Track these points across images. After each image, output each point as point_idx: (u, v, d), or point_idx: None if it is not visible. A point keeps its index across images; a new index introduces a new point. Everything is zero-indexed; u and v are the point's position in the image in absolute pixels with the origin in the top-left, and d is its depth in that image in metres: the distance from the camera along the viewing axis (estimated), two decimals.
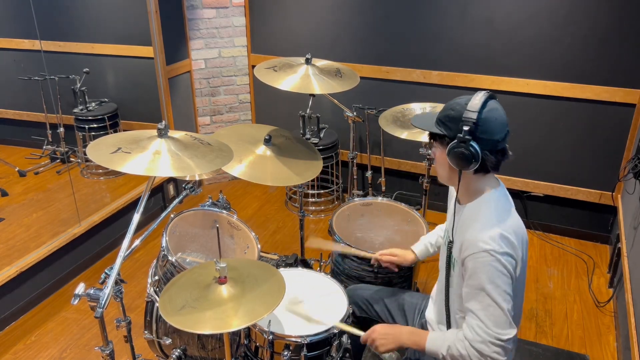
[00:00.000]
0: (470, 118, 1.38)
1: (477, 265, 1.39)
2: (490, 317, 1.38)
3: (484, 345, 1.38)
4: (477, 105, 1.39)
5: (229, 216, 2.22)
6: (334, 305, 1.82)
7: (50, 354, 2.51)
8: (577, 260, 3.23)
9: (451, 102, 1.46)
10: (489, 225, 1.41)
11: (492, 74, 3.22)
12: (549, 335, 2.64)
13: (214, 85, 3.91)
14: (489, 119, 1.40)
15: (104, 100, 3.31)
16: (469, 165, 1.41)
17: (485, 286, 1.37)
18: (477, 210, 1.48)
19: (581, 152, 3.22)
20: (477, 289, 1.39)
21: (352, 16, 3.45)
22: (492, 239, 1.38)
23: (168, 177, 3.60)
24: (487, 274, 1.37)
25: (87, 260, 3.12)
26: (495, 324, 1.37)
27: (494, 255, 1.36)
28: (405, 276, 2.23)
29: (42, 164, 3.07)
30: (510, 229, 1.41)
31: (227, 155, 1.69)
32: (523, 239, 1.46)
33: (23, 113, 3.02)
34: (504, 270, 1.37)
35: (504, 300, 1.37)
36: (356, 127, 3.45)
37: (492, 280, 1.37)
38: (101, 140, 1.63)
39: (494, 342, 1.38)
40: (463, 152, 1.39)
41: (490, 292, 1.37)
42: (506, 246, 1.38)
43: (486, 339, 1.38)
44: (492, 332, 1.38)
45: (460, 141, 1.39)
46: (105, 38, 3.24)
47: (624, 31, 2.88)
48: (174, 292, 1.53)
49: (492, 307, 1.37)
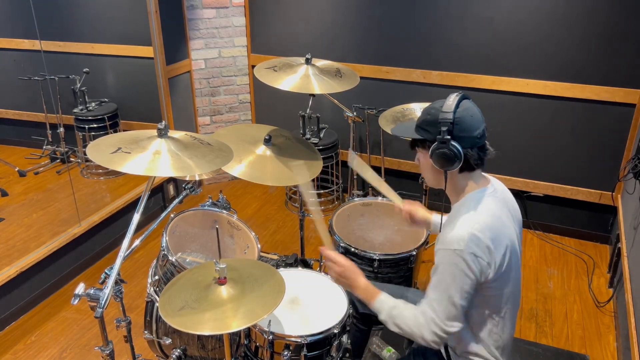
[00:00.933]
0: (447, 119, 1.42)
1: (442, 261, 1.45)
2: (444, 310, 1.46)
3: (429, 333, 1.48)
4: (452, 106, 1.43)
5: (229, 216, 2.22)
6: (334, 305, 1.82)
7: (50, 354, 2.51)
8: (577, 260, 3.23)
9: (427, 108, 1.51)
10: (463, 224, 1.44)
11: (492, 74, 3.22)
12: (549, 335, 2.64)
13: (214, 85, 3.91)
14: (464, 117, 1.44)
15: (104, 100, 3.31)
16: (452, 165, 1.45)
17: (446, 281, 1.44)
18: (459, 209, 1.51)
19: (581, 152, 3.22)
20: (438, 281, 1.47)
21: (352, 16, 3.45)
22: (461, 239, 1.41)
23: (168, 177, 3.60)
24: (449, 270, 1.44)
25: (87, 260, 3.12)
26: (446, 317, 1.46)
27: (458, 254, 1.41)
28: (405, 276, 2.23)
29: (42, 164, 3.07)
30: (485, 229, 1.43)
31: (227, 155, 1.69)
32: (502, 241, 1.47)
33: (23, 113, 3.02)
34: (467, 271, 1.41)
35: (461, 297, 1.44)
36: (356, 127, 3.45)
37: (453, 277, 1.43)
38: (101, 140, 1.63)
39: (439, 332, 1.47)
40: (445, 152, 1.44)
41: (449, 288, 1.44)
42: (475, 246, 1.41)
43: (433, 329, 1.47)
44: (441, 323, 1.46)
45: (441, 142, 1.43)
46: (105, 38, 3.24)
47: (624, 31, 2.88)
48: (174, 293, 1.53)
49: (447, 302, 1.45)
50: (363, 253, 2.17)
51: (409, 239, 2.33)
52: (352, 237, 2.34)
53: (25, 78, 2.87)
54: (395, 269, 2.19)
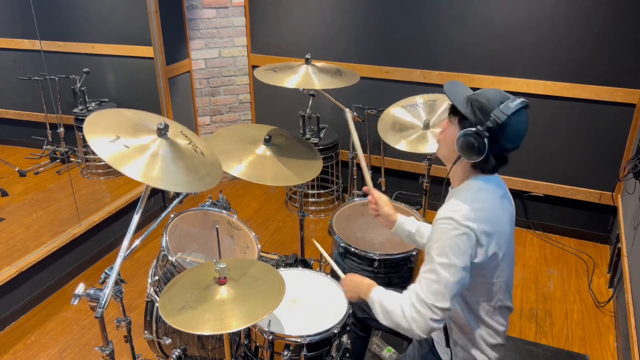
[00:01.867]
0: (498, 117, 1.38)
1: (436, 231, 1.42)
2: (427, 281, 1.40)
3: (410, 306, 1.41)
4: (511, 110, 1.38)
5: (229, 216, 2.22)
6: (334, 305, 1.82)
7: (50, 354, 2.51)
8: (577, 260, 3.23)
9: (490, 90, 1.45)
10: (460, 201, 1.43)
11: (492, 74, 3.22)
12: (549, 335, 2.64)
13: (214, 85, 3.91)
14: (511, 127, 1.40)
15: (104, 100, 3.31)
16: (470, 157, 1.43)
17: (434, 252, 1.40)
18: (458, 191, 1.51)
19: (581, 152, 3.22)
20: (428, 253, 1.43)
21: (352, 16, 3.45)
22: (457, 211, 1.40)
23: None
24: (440, 240, 1.40)
25: (87, 260, 3.12)
26: (429, 290, 1.39)
27: (451, 223, 1.39)
28: (405, 276, 2.23)
29: (42, 164, 3.07)
30: (482, 209, 1.42)
31: (216, 172, 1.67)
32: (498, 223, 1.46)
33: (23, 113, 3.02)
34: (459, 242, 1.38)
35: (446, 270, 1.37)
36: (356, 127, 3.45)
37: (442, 248, 1.39)
38: (100, 115, 1.56)
39: (420, 307, 1.39)
40: (473, 143, 1.40)
41: (434, 259, 1.39)
42: (470, 221, 1.38)
43: (413, 301, 1.41)
44: (423, 295, 1.39)
45: (477, 133, 1.39)
46: (105, 38, 3.24)
47: (624, 31, 2.88)
48: (174, 292, 1.53)
49: (432, 274, 1.39)
50: (363, 253, 2.17)
51: None
52: (352, 237, 2.34)
53: (25, 78, 2.87)
54: (395, 269, 2.19)
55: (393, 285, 2.17)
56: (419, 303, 1.40)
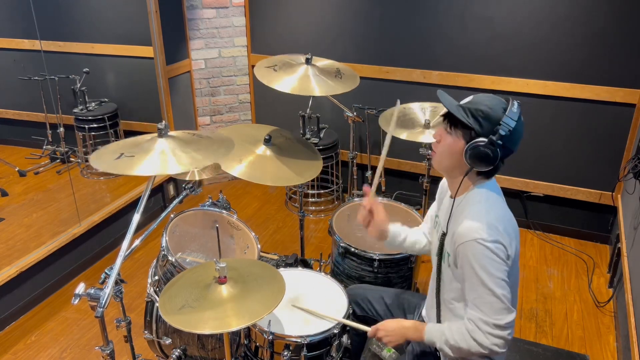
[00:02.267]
0: (509, 125, 1.39)
1: (468, 255, 1.40)
2: (486, 304, 1.39)
3: (483, 336, 1.40)
4: (517, 115, 1.40)
5: (229, 216, 2.22)
6: (334, 306, 1.82)
7: (50, 354, 2.51)
8: (577, 260, 3.23)
9: (485, 98, 1.44)
10: (478, 215, 1.42)
11: (492, 74, 3.22)
12: (549, 335, 2.64)
13: (214, 85, 3.91)
14: (518, 132, 1.42)
15: (104, 100, 3.31)
16: (483, 167, 1.43)
17: (479, 275, 1.39)
18: (467, 202, 1.50)
19: (581, 152, 3.22)
20: (471, 279, 1.41)
21: (352, 16, 3.45)
22: (481, 229, 1.39)
23: (169, 176, 3.60)
24: (478, 262, 1.39)
25: (87, 260, 3.12)
26: (492, 311, 1.39)
27: (482, 243, 1.38)
28: (405, 276, 2.23)
29: (42, 164, 3.06)
30: (499, 218, 1.43)
31: (229, 144, 1.69)
32: (513, 229, 1.47)
33: (23, 113, 3.02)
34: (495, 257, 1.38)
35: (498, 286, 1.38)
36: (356, 127, 3.45)
37: (483, 268, 1.38)
38: (101, 151, 1.62)
39: (493, 331, 1.39)
40: (488, 153, 1.39)
41: (483, 280, 1.39)
42: (495, 234, 1.39)
43: (485, 329, 1.40)
44: (490, 319, 1.39)
45: (491, 142, 1.39)
46: (105, 38, 3.24)
47: (624, 31, 2.88)
48: (174, 292, 1.53)
49: (487, 295, 1.39)
50: (363, 253, 2.17)
51: None
52: (352, 237, 2.34)
53: (25, 78, 2.87)
54: (395, 269, 2.19)
55: (393, 284, 2.18)
56: (490, 328, 1.40)
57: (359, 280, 2.20)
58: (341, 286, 1.93)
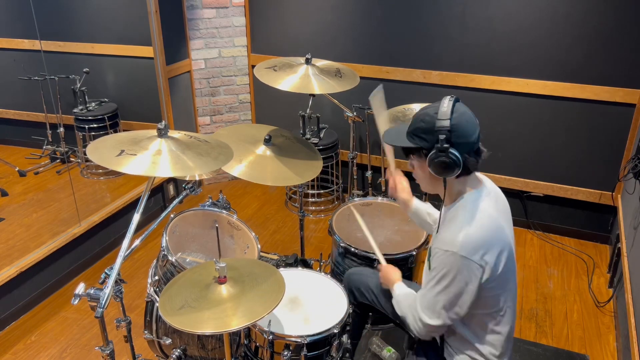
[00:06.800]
0: (444, 126, 1.40)
1: (438, 262, 1.48)
2: (424, 297, 1.56)
3: (412, 317, 1.62)
4: (448, 112, 1.40)
5: (229, 216, 2.22)
6: (334, 305, 1.82)
7: (50, 354, 2.51)
8: (577, 260, 3.23)
9: (419, 114, 1.48)
10: (459, 227, 1.45)
11: (492, 74, 3.22)
12: (549, 335, 2.64)
13: (214, 85, 3.91)
14: (461, 123, 1.42)
15: (104, 100, 3.31)
16: (452, 172, 1.44)
17: (438, 277, 1.49)
18: (455, 212, 1.52)
19: (581, 152, 3.22)
20: (433, 273, 1.51)
21: (352, 16, 3.45)
22: (457, 241, 1.43)
23: (168, 177, 3.60)
24: (439, 269, 1.48)
25: (87, 260, 3.12)
26: (423, 305, 1.56)
27: (450, 257, 1.44)
28: (405, 276, 2.23)
29: (42, 164, 3.06)
30: (480, 231, 1.44)
31: (228, 152, 1.70)
32: (498, 243, 1.48)
33: (23, 113, 3.02)
34: (457, 274, 1.44)
35: (444, 294, 1.49)
36: (356, 127, 3.45)
37: (441, 276, 1.47)
38: (100, 141, 1.62)
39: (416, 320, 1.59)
40: (444, 160, 1.42)
41: (438, 286, 1.49)
42: (472, 250, 1.43)
43: (414, 313, 1.60)
44: (418, 311, 1.57)
45: (439, 150, 1.41)
46: (105, 38, 3.24)
47: (624, 31, 2.88)
48: (174, 292, 1.53)
49: (430, 293, 1.52)
50: (363, 253, 2.17)
51: (409, 239, 2.33)
52: (352, 237, 2.34)
53: (25, 78, 2.87)
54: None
55: None
56: (417, 316, 1.59)
57: None
58: (341, 286, 1.93)
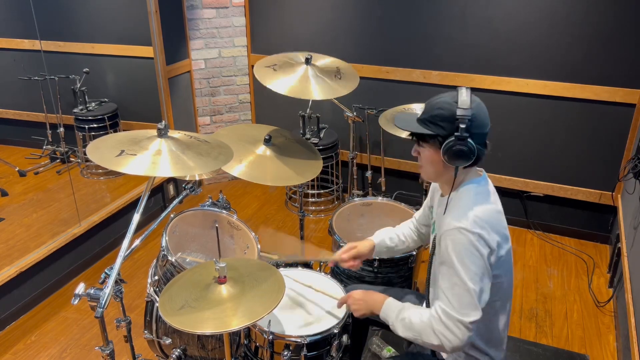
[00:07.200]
0: (465, 115, 1.39)
1: (448, 243, 1.41)
2: (455, 296, 1.39)
3: (443, 327, 1.40)
4: (468, 102, 1.40)
5: (229, 216, 2.22)
6: (334, 305, 1.82)
7: (50, 354, 2.51)
8: (577, 260, 3.23)
9: (435, 101, 1.46)
10: (466, 208, 1.44)
11: (492, 74, 3.22)
12: (549, 335, 2.64)
13: (214, 85, 3.91)
14: (479, 114, 1.43)
15: (104, 100, 3.31)
16: (466, 161, 1.44)
17: (455, 265, 1.39)
18: (458, 197, 1.51)
19: (581, 152, 3.22)
20: (446, 266, 1.42)
21: (352, 16, 3.45)
22: (465, 218, 1.41)
23: (168, 177, 3.60)
24: (456, 251, 1.40)
25: (87, 260, 3.12)
26: (459, 303, 1.38)
27: (464, 232, 1.39)
28: (405, 276, 2.23)
29: (42, 164, 3.06)
30: (486, 215, 1.44)
31: (228, 152, 1.70)
32: (500, 226, 1.48)
33: (23, 113, 3.02)
34: (474, 251, 1.38)
35: (472, 280, 1.38)
36: (356, 127, 3.45)
37: (460, 258, 1.39)
38: (100, 141, 1.62)
39: (454, 327, 1.38)
40: (462, 149, 1.41)
41: (458, 272, 1.39)
42: (479, 228, 1.40)
43: (447, 322, 1.40)
44: (455, 314, 1.38)
45: (459, 139, 1.40)
46: (105, 38, 3.24)
47: (624, 31, 2.88)
48: (174, 292, 1.53)
49: (459, 287, 1.38)
50: None
51: None
52: (352, 237, 2.34)
53: (25, 78, 2.87)
54: (395, 269, 2.19)
55: (393, 284, 2.18)
56: (453, 323, 1.39)
57: (359, 280, 2.20)
58: (341, 286, 1.93)
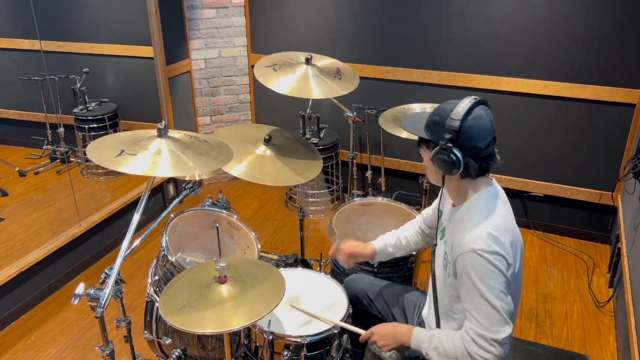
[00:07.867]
0: (452, 126, 1.38)
1: (467, 266, 1.40)
2: (483, 315, 1.39)
3: (478, 348, 1.40)
4: (461, 113, 1.38)
5: (229, 216, 2.22)
6: (334, 306, 1.82)
7: (50, 354, 2.51)
8: (577, 260, 3.23)
9: (440, 106, 1.46)
10: (477, 225, 1.42)
11: (492, 74, 3.22)
12: (549, 335, 2.64)
13: (214, 85, 3.91)
14: (472, 127, 1.39)
15: (104, 100, 3.31)
16: (451, 171, 1.43)
17: (477, 286, 1.38)
18: (467, 211, 1.49)
19: (581, 152, 3.22)
20: (469, 290, 1.41)
21: (352, 16, 3.45)
22: (479, 238, 1.38)
23: (169, 177, 3.60)
24: (477, 273, 1.38)
25: (87, 260, 3.12)
26: (489, 322, 1.38)
27: (481, 254, 1.37)
28: (405, 276, 2.23)
29: (42, 164, 3.06)
30: (500, 228, 1.42)
31: (228, 152, 1.70)
32: (514, 239, 1.45)
33: (23, 113, 3.02)
34: (494, 269, 1.37)
35: (497, 298, 1.37)
36: (356, 127, 3.45)
37: (482, 279, 1.38)
38: (100, 141, 1.62)
39: (489, 346, 1.39)
40: (444, 159, 1.40)
41: (482, 292, 1.38)
42: (495, 245, 1.38)
43: (481, 343, 1.40)
44: (487, 333, 1.39)
45: (442, 148, 1.40)
46: (105, 38, 3.24)
47: (624, 31, 2.88)
48: (174, 292, 1.53)
49: (485, 307, 1.38)
50: None
51: None
52: (352, 237, 2.34)
53: (25, 78, 2.87)
54: (395, 268, 2.19)
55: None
56: (487, 343, 1.39)
57: None
58: (341, 286, 1.93)
